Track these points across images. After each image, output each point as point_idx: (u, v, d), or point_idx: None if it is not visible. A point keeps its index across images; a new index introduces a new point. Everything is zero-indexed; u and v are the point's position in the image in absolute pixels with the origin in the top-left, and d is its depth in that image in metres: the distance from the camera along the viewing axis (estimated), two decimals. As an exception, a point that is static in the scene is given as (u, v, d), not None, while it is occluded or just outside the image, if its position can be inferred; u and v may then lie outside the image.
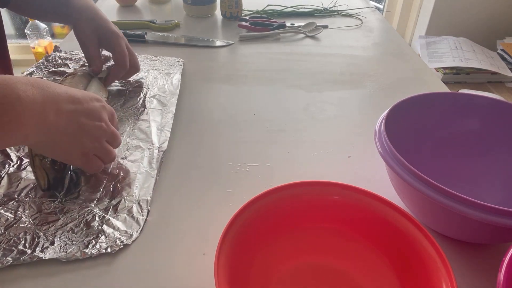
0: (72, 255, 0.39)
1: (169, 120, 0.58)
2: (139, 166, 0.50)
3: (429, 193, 0.35)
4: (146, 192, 0.46)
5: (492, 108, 0.49)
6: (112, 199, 0.45)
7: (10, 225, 0.42)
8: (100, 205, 0.45)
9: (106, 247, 0.40)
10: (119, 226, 0.42)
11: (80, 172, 0.49)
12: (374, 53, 0.84)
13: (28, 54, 2.04)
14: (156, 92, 0.65)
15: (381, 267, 0.38)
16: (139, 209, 0.44)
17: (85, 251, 0.39)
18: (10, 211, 0.44)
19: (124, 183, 0.47)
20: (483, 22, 1.66)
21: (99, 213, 0.44)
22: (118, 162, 0.50)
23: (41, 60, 0.74)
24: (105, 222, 0.43)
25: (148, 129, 0.56)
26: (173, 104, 0.62)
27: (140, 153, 0.52)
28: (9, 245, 0.40)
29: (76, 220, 0.43)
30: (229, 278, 0.32)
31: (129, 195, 0.46)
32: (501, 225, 0.33)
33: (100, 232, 0.41)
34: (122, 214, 0.44)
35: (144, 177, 0.48)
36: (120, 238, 0.41)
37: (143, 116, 0.59)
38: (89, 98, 0.45)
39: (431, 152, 0.51)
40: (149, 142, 0.54)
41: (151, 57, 0.78)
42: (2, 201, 0.45)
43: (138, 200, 0.45)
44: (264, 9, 1.04)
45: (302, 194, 0.40)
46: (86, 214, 0.44)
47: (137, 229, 0.42)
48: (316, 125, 0.61)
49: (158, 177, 0.49)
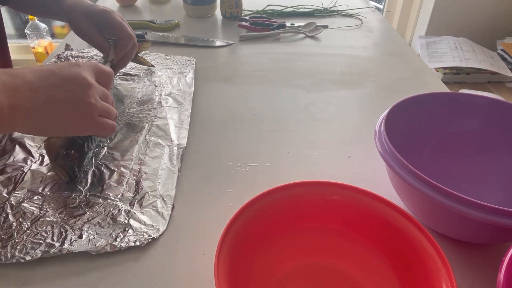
0: (102, 248, 0.39)
1: (186, 118, 0.59)
2: (160, 162, 0.51)
3: (429, 193, 0.35)
4: (168, 188, 0.47)
5: (492, 108, 0.49)
6: (135, 194, 0.46)
7: (36, 219, 0.42)
8: (124, 200, 0.45)
9: (134, 240, 0.41)
10: (145, 220, 0.43)
11: (103, 167, 0.50)
12: (374, 53, 0.84)
13: (28, 54, 2.04)
14: (172, 90, 0.66)
15: (381, 267, 0.38)
16: (163, 204, 0.45)
17: (114, 244, 0.40)
18: (35, 206, 0.44)
19: (147, 179, 0.48)
20: (483, 22, 1.66)
21: (124, 207, 0.44)
22: (139, 159, 0.51)
23: (53, 59, 0.75)
24: (131, 216, 0.43)
25: (166, 126, 0.57)
26: (189, 102, 0.63)
27: (160, 150, 0.53)
28: (37, 239, 0.40)
29: (102, 214, 0.43)
30: (229, 278, 0.32)
31: (153, 190, 0.47)
32: (501, 225, 0.33)
33: (127, 226, 0.42)
34: (147, 209, 0.44)
35: (166, 173, 0.49)
36: (148, 232, 0.42)
37: (161, 113, 0.60)
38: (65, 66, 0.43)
39: (431, 152, 0.51)
40: (168, 139, 0.55)
41: (163, 55, 0.78)
42: (27, 196, 0.45)
43: (161, 195, 0.46)
44: (264, 9, 1.04)
45: (302, 194, 0.40)
46: (111, 208, 0.44)
47: (163, 224, 0.43)
48: (316, 125, 0.61)
49: (180, 173, 0.50)
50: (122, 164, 0.50)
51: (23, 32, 1.96)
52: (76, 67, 0.43)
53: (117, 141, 0.54)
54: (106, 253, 0.40)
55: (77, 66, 0.44)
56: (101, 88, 0.45)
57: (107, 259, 0.40)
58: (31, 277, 0.38)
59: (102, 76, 0.46)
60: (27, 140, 0.54)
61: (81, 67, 0.44)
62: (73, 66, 0.43)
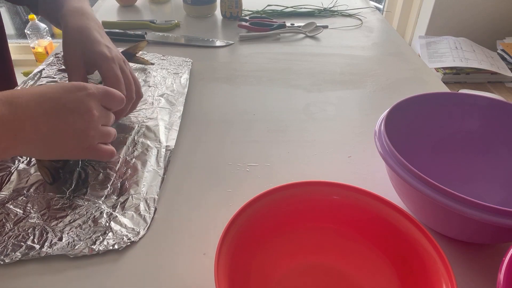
0: (80, 251, 0.39)
1: (177, 120, 0.59)
2: (146, 164, 0.50)
3: (429, 193, 0.35)
4: (153, 191, 0.47)
5: (492, 108, 0.49)
6: (119, 196, 0.46)
7: (19, 220, 0.42)
8: (107, 202, 0.45)
9: (113, 244, 0.40)
10: (126, 223, 0.43)
11: (89, 168, 0.49)
12: (374, 53, 0.84)
13: (28, 54, 2.04)
14: (164, 91, 0.66)
15: (381, 267, 0.38)
16: (146, 207, 0.45)
17: (93, 247, 0.40)
18: (19, 207, 0.44)
19: (132, 181, 0.48)
20: (483, 22, 1.66)
21: (106, 210, 0.44)
22: (126, 160, 0.51)
23: (51, 57, 0.75)
24: (113, 219, 0.43)
25: (156, 127, 0.57)
26: (181, 103, 0.63)
27: (148, 151, 0.52)
28: (18, 240, 0.40)
29: (84, 216, 0.43)
30: (229, 278, 0.32)
31: (137, 192, 0.46)
32: (501, 225, 0.33)
33: (107, 229, 0.42)
34: (130, 212, 0.44)
35: (151, 176, 0.49)
36: (127, 235, 0.41)
37: (151, 114, 0.60)
38: (69, 90, 0.41)
39: (431, 152, 0.51)
40: (157, 141, 0.54)
41: (160, 56, 0.78)
42: (12, 197, 0.45)
43: (145, 198, 0.46)
44: (264, 9, 1.04)
45: (302, 194, 0.40)
46: (94, 210, 0.44)
47: (144, 227, 0.43)
48: (316, 125, 0.61)
49: (165, 176, 0.49)
50: (108, 165, 0.50)
51: (23, 32, 1.96)
52: (82, 93, 0.42)
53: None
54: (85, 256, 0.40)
55: (83, 91, 0.42)
56: (104, 111, 0.44)
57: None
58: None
59: (108, 99, 0.45)
60: None
61: (86, 93, 0.42)
62: (80, 90, 0.42)
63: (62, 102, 0.40)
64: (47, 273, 0.38)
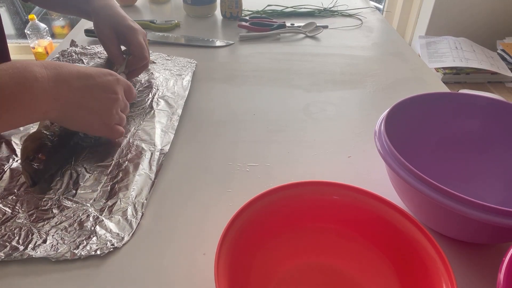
0: (62, 255, 0.39)
1: (174, 123, 0.58)
2: (138, 168, 0.49)
3: (429, 193, 0.35)
4: (142, 195, 0.46)
5: (492, 108, 0.49)
6: (108, 199, 0.45)
7: (7, 219, 0.42)
8: (96, 205, 0.44)
9: (96, 249, 0.40)
10: (111, 228, 0.42)
11: (81, 169, 0.49)
12: (374, 53, 0.84)
13: (28, 54, 2.04)
14: (165, 93, 0.65)
15: (381, 267, 0.38)
16: (133, 211, 0.44)
17: (75, 251, 0.39)
18: (9, 206, 0.44)
19: (122, 184, 0.47)
20: (483, 22, 1.66)
21: (93, 213, 0.43)
22: (119, 162, 0.50)
23: (57, 55, 0.75)
24: (99, 223, 0.42)
25: (152, 130, 0.56)
26: (180, 106, 0.62)
27: (141, 155, 0.51)
28: (3, 240, 0.40)
29: (70, 219, 0.43)
30: (229, 278, 0.32)
31: (126, 196, 0.45)
32: (501, 225, 0.33)
33: (92, 233, 0.41)
34: (116, 216, 0.43)
35: (142, 179, 0.48)
36: (111, 240, 0.41)
37: (149, 117, 0.59)
38: (102, 73, 0.49)
39: (431, 152, 0.51)
40: (151, 144, 0.53)
41: (165, 56, 0.77)
42: (2, 195, 0.45)
43: (133, 202, 0.45)
44: (264, 9, 1.04)
45: (302, 194, 0.40)
46: (81, 213, 0.43)
47: (129, 232, 0.42)
48: (316, 125, 0.61)
49: (156, 179, 0.49)
50: (100, 167, 0.49)
51: (23, 32, 1.96)
52: (112, 77, 0.50)
53: (100, 142, 0.54)
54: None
55: (114, 76, 0.50)
56: (125, 101, 0.53)
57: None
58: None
59: (128, 92, 0.53)
60: (14, 138, 0.54)
61: (116, 78, 0.50)
62: (111, 75, 0.50)
63: (96, 81, 0.48)
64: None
